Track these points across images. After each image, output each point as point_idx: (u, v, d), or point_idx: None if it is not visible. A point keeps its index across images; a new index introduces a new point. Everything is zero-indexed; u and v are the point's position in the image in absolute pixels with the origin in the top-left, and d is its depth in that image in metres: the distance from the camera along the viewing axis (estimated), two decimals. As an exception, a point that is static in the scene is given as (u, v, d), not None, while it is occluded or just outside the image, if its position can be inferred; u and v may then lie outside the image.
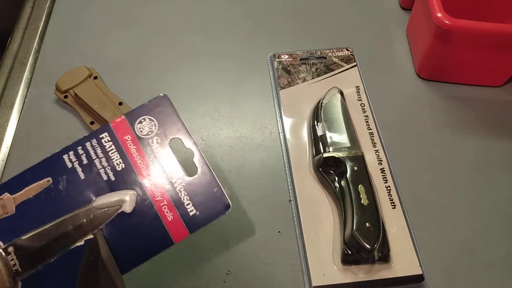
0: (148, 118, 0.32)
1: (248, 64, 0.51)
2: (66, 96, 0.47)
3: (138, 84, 0.50)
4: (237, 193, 0.42)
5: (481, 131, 0.46)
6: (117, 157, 0.31)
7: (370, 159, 0.43)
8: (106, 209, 0.30)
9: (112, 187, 0.31)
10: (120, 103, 0.47)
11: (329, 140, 0.42)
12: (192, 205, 0.30)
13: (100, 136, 0.32)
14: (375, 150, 0.44)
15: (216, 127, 0.47)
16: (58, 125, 0.46)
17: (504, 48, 0.44)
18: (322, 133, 0.43)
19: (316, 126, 0.44)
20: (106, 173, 0.31)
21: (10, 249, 0.29)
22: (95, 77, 0.49)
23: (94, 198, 0.30)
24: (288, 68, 0.50)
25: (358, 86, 0.48)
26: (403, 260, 0.38)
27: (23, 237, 0.30)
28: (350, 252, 0.37)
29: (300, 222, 0.40)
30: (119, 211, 0.30)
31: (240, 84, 0.50)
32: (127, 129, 0.32)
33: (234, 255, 0.39)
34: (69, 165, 0.31)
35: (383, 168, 0.43)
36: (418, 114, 0.48)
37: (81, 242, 0.29)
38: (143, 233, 0.30)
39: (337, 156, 0.40)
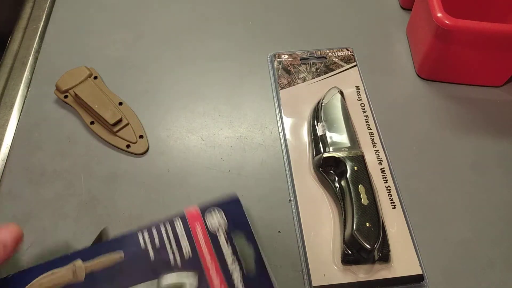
0: (218, 212, 0.35)
1: (248, 64, 0.51)
2: (66, 96, 0.47)
3: (138, 84, 0.50)
4: (237, 193, 0.42)
5: (481, 131, 0.46)
6: (186, 244, 0.33)
7: (370, 159, 0.43)
8: None
9: (178, 270, 0.32)
10: (120, 103, 0.47)
11: (329, 140, 0.42)
12: None
13: (175, 222, 0.34)
14: (375, 150, 0.44)
15: (216, 127, 0.47)
16: (58, 125, 0.46)
17: (504, 48, 0.44)
18: (322, 133, 0.43)
19: (316, 126, 0.44)
20: (174, 257, 0.33)
21: None
22: (95, 77, 0.49)
23: (160, 277, 0.32)
24: (288, 68, 0.50)
25: (358, 86, 0.48)
26: (403, 260, 0.38)
27: None
28: (350, 252, 0.37)
29: (300, 222, 0.40)
30: None
31: (240, 84, 0.50)
32: (199, 219, 0.34)
33: (234, 255, 0.39)
34: (143, 245, 0.33)
35: (383, 168, 0.43)
36: (418, 114, 0.48)
37: None
38: None
39: (337, 156, 0.40)
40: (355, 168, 0.39)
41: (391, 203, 0.41)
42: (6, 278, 0.32)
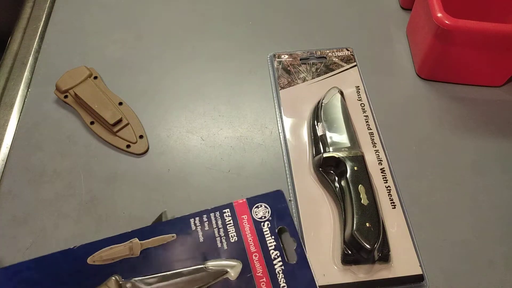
0: (264, 205, 0.38)
1: (248, 64, 0.51)
2: (66, 96, 0.47)
3: (138, 84, 0.50)
4: (237, 193, 0.42)
5: (481, 131, 0.46)
6: (233, 230, 0.37)
7: (370, 159, 0.43)
8: (215, 271, 0.35)
9: (224, 254, 0.36)
10: (120, 103, 0.47)
11: (329, 140, 0.42)
12: (287, 287, 0.34)
13: (223, 210, 0.38)
14: (375, 150, 0.44)
15: (216, 127, 0.47)
16: (58, 125, 0.46)
17: (504, 48, 0.44)
18: (322, 133, 0.43)
19: (316, 126, 0.44)
20: (221, 241, 0.36)
21: (129, 285, 0.34)
22: (95, 77, 0.49)
23: (207, 260, 0.36)
24: (288, 68, 0.50)
25: (358, 86, 0.48)
26: (403, 260, 0.38)
27: (141, 278, 0.35)
28: (350, 252, 0.37)
29: (300, 222, 0.40)
30: (225, 276, 0.35)
31: (240, 84, 0.50)
32: (246, 210, 0.38)
33: (234, 255, 0.39)
34: (193, 227, 0.37)
35: (383, 168, 0.43)
36: (418, 114, 0.48)
37: None
38: None
39: (337, 156, 0.40)
40: (355, 168, 0.39)
41: (391, 203, 0.41)
42: (72, 249, 0.36)
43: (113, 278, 0.35)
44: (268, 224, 0.37)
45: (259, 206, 0.38)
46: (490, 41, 0.44)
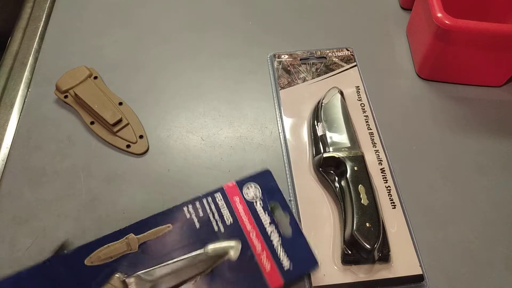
0: (254, 185, 0.39)
1: (248, 64, 0.51)
2: (66, 96, 0.47)
3: (138, 84, 0.50)
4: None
5: (481, 131, 0.46)
6: (227, 213, 0.37)
7: (370, 159, 0.43)
8: (216, 254, 0.35)
9: (221, 237, 0.36)
10: (120, 103, 0.47)
11: (329, 140, 0.42)
12: (287, 259, 0.35)
13: (215, 195, 0.38)
14: (375, 150, 0.44)
15: (216, 127, 0.47)
16: (58, 125, 0.46)
17: (504, 48, 0.44)
18: (322, 133, 0.43)
19: (316, 126, 0.44)
20: (217, 225, 0.37)
21: (132, 280, 0.34)
22: (95, 77, 0.49)
23: (207, 245, 0.36)
24: (288, 68, 0.50)
25: (358, 86, 0.48)
26: (403, 260, 0.38)
27: (144, 271, 0.34)
28: (350, 252, 0.37)
29: (300, 222, 0.40)
30: (226, 257, 0.35)
31: (240, 84, 0.50)
32: (237, 192, 0.38)
33: (234, 255, 0.39)
34: (188, 215, 0.37)
35: (383, 168, 0.43)
36: (418, 114, 0.48)
37: (192, 281, 0.34)
38: (244, 279, 0.35)
39: (337, 156, 0.40)
40: (355, 168, 0.39)
41: (391, 203, 0.41)
42: (67, 254, 0.35)
43: (116, 275, 0.35)
44: (260, 203, 0.38)
45: (249, 187, 0.39)
46: (490, 41, 0.44)
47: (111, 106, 0.46)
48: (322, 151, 0.42)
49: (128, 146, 0.44)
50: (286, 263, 0.35)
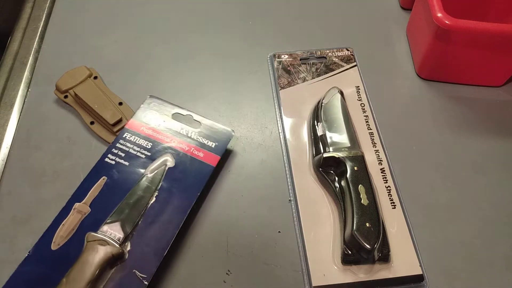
0: (149, 111, 0.44)
1: (248, 64, 0.51)
2: (66, 96, 0.47)
3: (138, 84, 0.50)
4: (237, 193, 0.42)
5: (481, 131, 0.46)
6: (143, 141, 0.42)
7: (370, 159, 0.43)
8: (156, 171, 0.40)
9: (151, 159, 0.41)
10: (120, 103, 0.47)
11: (329, 140, 0.42)
12: (210, 141, 0.42)
13: (124, 135, 0.42)
14: (375, 150, 0.44)
15: (216, 127, 0.47)
16: (58, 125, 0.46)
17: (504, 48, 0.44)
18: (322, 133, 0.43)
19: (316, 126, 0.44)
20: (142, 153, 0.41)
21: (104, 228, 0.37)
22: (95, 77, 0.49)
23: (144, 170, 0.40)
24: (288, 68, 0.50)
25: (358, 86, 0.48)
26: (403, 260, 0.38)
27: (108, 219, 0.37)
28: (350, 252, 0.37)
29: (300, 222, 0.40)
30: (166, 168, 0.40)
31: (240, 84, 0.50)
32: (138, 123, 0.43)
33: (234, 255, 0.39)
34: (113, 162, 0.41)
35: (383, 168, 0.43)
36: (418, 114, 0.48)
37: (153, 199, 0.39)
38: (190, 173, 0.40)
39: (337, 156, 0.40)
40: (355, 168, 0.39)
41: (391, 203, 0.41)
42: (29, 255, 0.36)
43: (88, 234, 0.36)
44: (163, 119, 0.43)
45: (147, 114, 0.44)
46: (490, 41, 0.44)
47: (111, 106, 0.46)
48: (322, 151, 0.42)
49: (128, 146, 0.44)
50: (211, 144, 0.42)
